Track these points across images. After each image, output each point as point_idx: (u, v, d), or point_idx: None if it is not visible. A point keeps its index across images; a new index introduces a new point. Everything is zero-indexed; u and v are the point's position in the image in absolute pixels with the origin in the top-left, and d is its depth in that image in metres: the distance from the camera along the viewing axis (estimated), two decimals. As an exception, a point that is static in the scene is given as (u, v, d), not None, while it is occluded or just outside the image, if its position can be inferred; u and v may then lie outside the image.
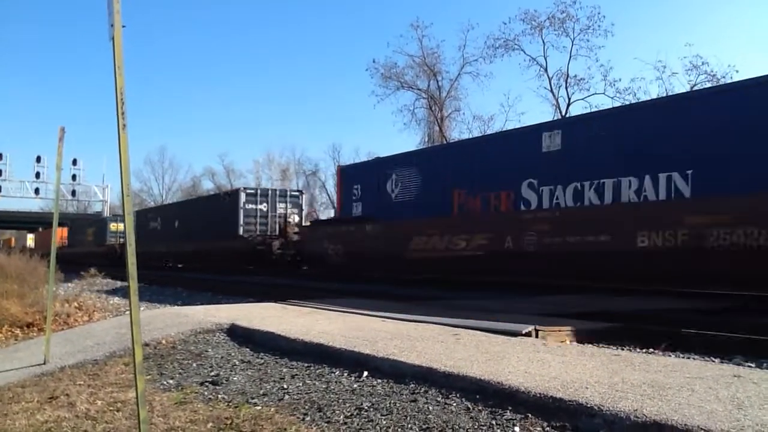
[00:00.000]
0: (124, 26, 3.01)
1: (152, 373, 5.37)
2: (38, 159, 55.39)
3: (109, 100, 3.03)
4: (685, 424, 2.90)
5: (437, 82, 41.03)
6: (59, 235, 49.58)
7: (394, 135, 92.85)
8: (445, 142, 37.10)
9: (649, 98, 30.26)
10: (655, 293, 11.62)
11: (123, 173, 3.02)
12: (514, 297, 11.32)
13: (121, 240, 38.45)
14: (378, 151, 62.63)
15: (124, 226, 3.08)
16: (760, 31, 64.37)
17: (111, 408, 4.38)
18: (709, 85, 29.27)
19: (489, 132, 38.18)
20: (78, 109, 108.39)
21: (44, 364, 6.00)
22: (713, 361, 4.81)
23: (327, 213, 60.62)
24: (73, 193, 60.21)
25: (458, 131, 41.52)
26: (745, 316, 8.73)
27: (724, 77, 30.14)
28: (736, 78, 27.09)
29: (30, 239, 64.52)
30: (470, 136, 39.07)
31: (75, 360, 6.03)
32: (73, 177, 57.48)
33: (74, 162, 56.97)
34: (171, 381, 5.07)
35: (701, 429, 2.84)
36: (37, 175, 55.35)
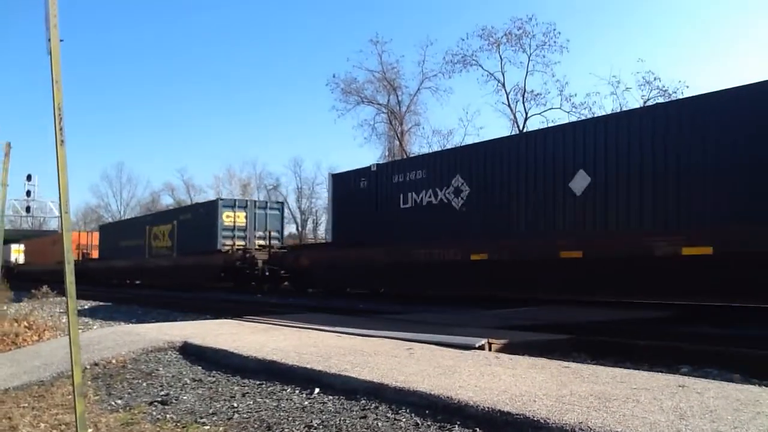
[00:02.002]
0: (61, 41, 2.96)
1: (100, 393, 5.24)
2: (-10, 175, 53.93)
3: (65, 114, 2.97)
4: (628, 436, 2.94)
5: (397, 96, 41.35)
6: (75, 243, 38.33)
7: (355, 149, 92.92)
8: (405, 156, 37.20)
9: (603, 113, 30.83)
10: (607, 304, 11.79)
11: (61, 189, 2.95)
12: (471, 310, 11.38)
13: (243, 244, 23.65)
14: (339, 166, 62.45)
15: (63, 242, 3.00)
16: (711, 48, 66.32)
17: (54, 431, 4.26)
18: (661, 99, 30.09)
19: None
20: (33, 123, 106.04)
21: (-13, 386, 5.82)
22: (660, 372, 4.88)
23: (289, 228, 60.03)
24: (28, 209, 58.85)
25: (418, 145, 41.80)
26: (693, 326, 8.92)
27: (675, 92, 30.86)
28: (687, 93, 27.49)
29: (16, 251, 52.07)
30: (430, 151, 39.38)
31: (20, 381, 5.86)
32: (28, 193, 56.20)
33: (29, 178, 55.80)
34: (119, 401, 4.96)
35: (643, 440, 2.87)
36: (-11, 191, 53.85)
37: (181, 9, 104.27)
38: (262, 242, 23.96)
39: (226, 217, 24.02)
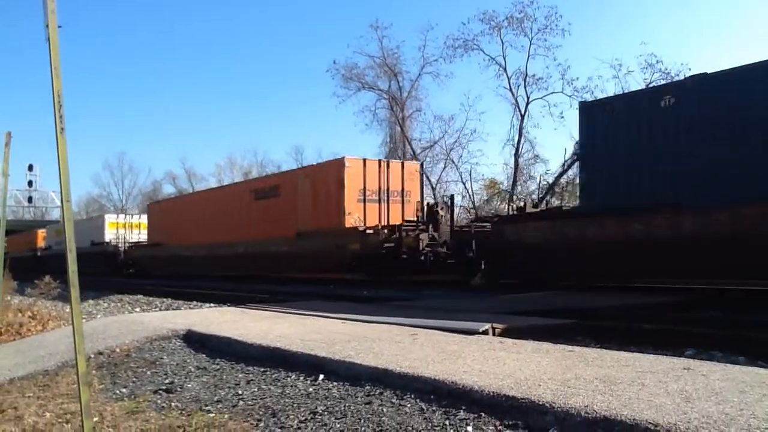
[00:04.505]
0: (60, 27, 2.93)
1: (105, 383, 5.25)
2: (-8, 165, 53.75)
3: (66, 103, 2.95)
4: (634, 419, 2.93)
5: (398, 82, 41.07)
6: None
7: (357, 135, 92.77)
8: (407, 142, 37.15)
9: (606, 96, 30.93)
10: (611, 289, 11.78)
11: (62, 177, 2.94)
12: (475, 296, 11.38)
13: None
14: (341, 152, 62.29)
15: (64, 232, 2.99)
16: (712, 29, 65.93)
17: (60, 420, 4.25)
18: (664, 82, 30.06)
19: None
20: (35, 113, 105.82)
21: (-8, 376, 5.82)
22: (665, 355, 4.87)
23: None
24: (30, 199, 58.74)
25: (419, 131, 41.61)
26: (699, 310, 8.91)
27: (677, 75, 30.68)
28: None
29: (115, 226, 36.72)
30: (432, 136, 39.19)
31: (25, 371, 5.86)
32: (30, 183, 56.13)
33: (30, 168, 55.66)
34: (124, 390, 4.97)
35: (649, 423, 2.86)
36: (-9, 181, 53.60)
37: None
38: None
39: None
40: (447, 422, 3.41)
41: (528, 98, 36.17)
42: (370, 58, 40.34)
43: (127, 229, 36.42)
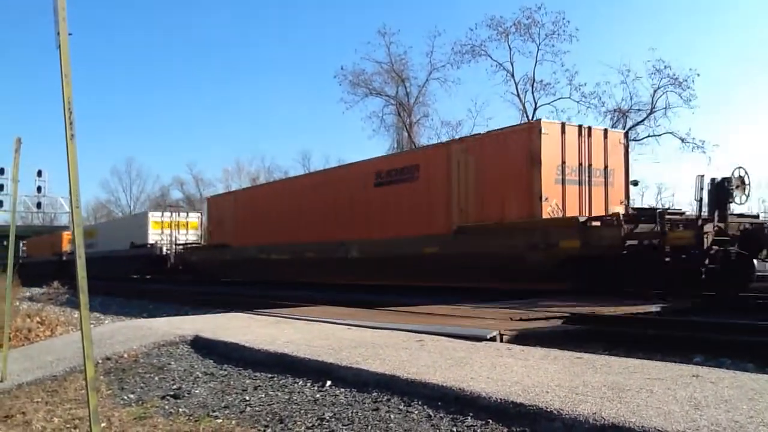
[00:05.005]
0: (70, 34, 2.95)
1: (113, 388, 5.26)
2: (1, 171, 53.95)
3: (75, 109, 2.98)
4: (643, 426, 2.91)
5: (405, 88, 41.09)
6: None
7: (364, 141, 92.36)
8: (413, 147, 37.14)
9: (613, 102, 30.73)
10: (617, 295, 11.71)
11: (72, 184, 2.95)
12: (483, 301, 11.34)
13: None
14: (348, 158, 62.20)
15: (73, 237, 3.00)
16: (720, 37, 65.81)
17: (68, 425, 4.27)
18: (672, 88, 30.11)
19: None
20: (44, 119, 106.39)
21: (1, 381, 5.85)
22: (674, 362, 4.85)
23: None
24: (39, 205, 58.91)
25: (427, 137, 41.58)
26: (707, 316, 8.85)
27: (686, 80, 30.58)
28: (698, 81, 27.10)
29: (152, 226, 31.75)
30: (438, 141, 39.14)
31: (33, 376, 5.89)
32: (39, 189, 56.23)
33: (39, 173, 55.77)
34: (132, 395, 4.98)
35: (658, 430, 2.85)
36: (0, 187, 53.79)
37: (190, 3, 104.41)
38: None
39: None
40: (454, 429, 3.41)
41: (536, 104, 36.11)
42: (378, 63, 40.37)
43: (173, 228, 31.63)
